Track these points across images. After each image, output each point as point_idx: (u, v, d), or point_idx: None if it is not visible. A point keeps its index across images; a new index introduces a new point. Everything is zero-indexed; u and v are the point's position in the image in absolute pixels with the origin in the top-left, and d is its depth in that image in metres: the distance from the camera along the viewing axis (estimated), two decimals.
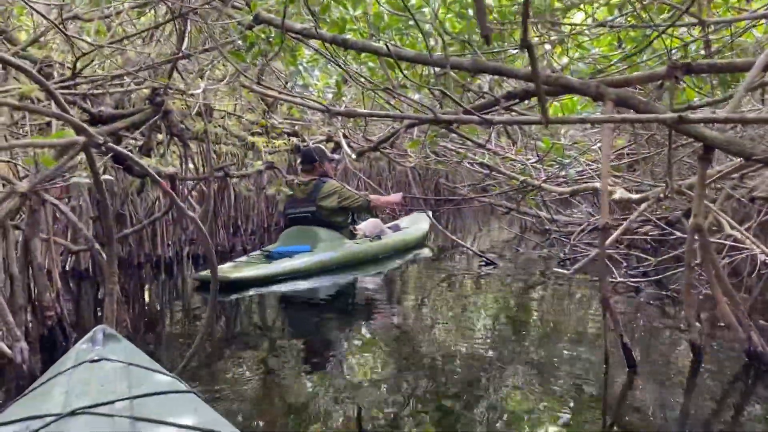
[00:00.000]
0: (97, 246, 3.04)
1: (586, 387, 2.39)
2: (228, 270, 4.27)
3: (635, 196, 3.04)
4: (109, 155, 2.95)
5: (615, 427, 2.12)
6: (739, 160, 2.65)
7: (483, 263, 4.87)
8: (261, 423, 2.13)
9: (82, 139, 1.48)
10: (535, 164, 4.82)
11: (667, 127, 2.40)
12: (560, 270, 3.72)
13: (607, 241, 3.18)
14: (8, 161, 3.07)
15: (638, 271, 4.40)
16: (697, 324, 2.67)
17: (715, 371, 2.53)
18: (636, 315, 3.43)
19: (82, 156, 2.48)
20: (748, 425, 2.10)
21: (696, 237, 2.49)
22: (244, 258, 4.75)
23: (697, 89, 3.36)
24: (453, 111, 3.07)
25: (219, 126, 5.36)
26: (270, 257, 4.61)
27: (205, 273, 4.29)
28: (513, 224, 7.50)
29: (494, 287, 4.28)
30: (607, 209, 2.34)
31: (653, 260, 4.38)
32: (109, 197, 4.55)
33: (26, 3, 2.25)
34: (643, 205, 2.92)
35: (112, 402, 1.32)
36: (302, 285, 4.41)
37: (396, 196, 5.72)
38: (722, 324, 2.71)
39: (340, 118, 5.55)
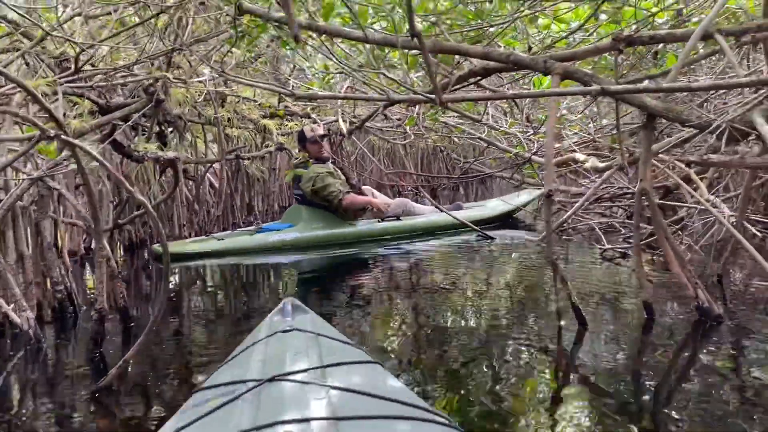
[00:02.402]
0: (104, 226, 3.34)
1: (538, 344, 2.56)
2: (184, 243, 4.89)
3: (601, 165, 3.16)
4: (106, 142, 3.21)
5: (566, 383, 2.26)
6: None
7: (479, 237, 5.02)
8: None
9: (35, 133, 1.73)
10: (530, 137, 4.93)
11: (594, 97, 2.52)
12: (531, 238, 3.86)
13: (571, 212, 3.33)
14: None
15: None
16: (649, 282, 2.80)
17: (666, 327, 2.67)
18: (605, 278, 3.58)
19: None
20: (697, 376, 2.22)
21: (643, 200, 2.62)
22: (230, 232, 5.26)
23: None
24: (428, 90, 3.24)
25: (231, 111, 5.62)
26: (259, 232, 5.03)
27: (158, 247, 4.77)
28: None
29: (480, 259, 4.45)
30: (552, 177, 2.48)
31: (647, 228, 4.47)
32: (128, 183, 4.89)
33: (5, 4, 2.49)
34: (606, 174, 3.04)
35: (306, 370, 1.39)
36: (251, 260, 4.81)
37: (380, 202, 5.34)
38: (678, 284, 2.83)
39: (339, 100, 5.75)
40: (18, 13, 2.95)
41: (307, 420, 1.13)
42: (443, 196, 8.88)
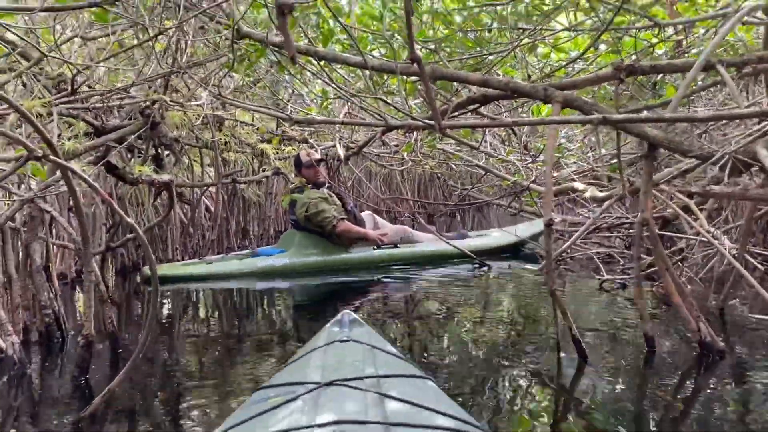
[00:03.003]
0: (95, 249, 3.29)
1: (538, 376, 2.50)
2: (174, 266, 4.88)
3: (601, 195, 3.13)
4: (100, 164, 3.17)
5: (566, 416, 2.21)
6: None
7: (476, 266, 4.96)
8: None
9: (24, 153, 1.69)
10: (528, 165, 4.91)
11: (596, 126, 2.50)
12: (530, 266, 3.80)
13: (570, 241, 3.29)
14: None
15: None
16: (649, 315, 2.75)
17: (668, 361, 2.61)
18: (605, 310, 3.52)
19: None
20: (699, 412, 2.16)
21: (644, 231, 2.58)
22: (222, 256, 5.24)
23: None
24: (427, 116, 3.21)
25: (229, 135, 5.60)
26: (254, 256, 5.00)
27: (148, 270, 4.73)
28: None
29: (477, 288, 4.38)
30: (550, 207, 2.44)
31: (647, 258, 4.43)
32: (121, 207, 4.84)
33: (4, 26, 2.47)
34: (606, 204, 3.01)
35: (362, 378, 1.47)
36: (240, 285, 4.77)
37: (375, 234, 5.17)
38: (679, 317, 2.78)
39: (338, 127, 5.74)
40: (16, 35, 2.93)
41: (362, 422, 1.21)
42: (440, 223, 8.82)
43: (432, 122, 2.36)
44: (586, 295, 3.96)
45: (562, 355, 2.65)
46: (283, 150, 6.26)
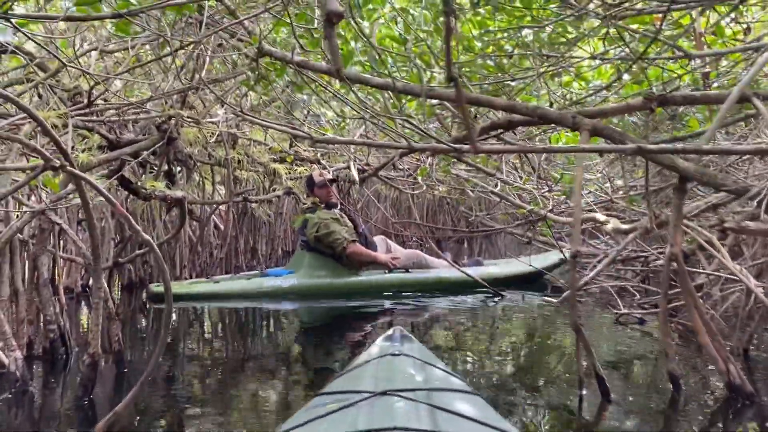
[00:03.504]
0: (105, 264, 3.22)
1: (560, 417, 2.39)
2: (180, 285, 4.77)
3: (624, 227, 3.04)
4: (113, 178, 3.11)
5: None
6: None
7: (489, 295, 4.85)
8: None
9: (39, 163, 1.62)
10: (545, 194, 4.84)
11: (631, 156, 2.43)
12: (549, 299, 3.70)
13: (592, 273, 3.20)
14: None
15: (650, 304, 4.34)
16: (675, 354, 2.65)
17: (694, 403, 2.50)
18: (625, 345, 3.41)
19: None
20: None
21: (672, 267, 2.49)
22: (231, 275, 5.16)
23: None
24: (451, 139, 3.15)
25: (242, 153, 5.56)
26: (263, 276, 4.92)
27: (158, 288, 4.65)
28: (538, 253, 7.45)
29: (491, 318, 4.28)
30: (579, 238, 2.36)
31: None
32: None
33: (26, 34, 2.43)
34: (630, 236, 2.92)
35: (413, 390, 1.53)
36: (247, 305, 4.67)
37: (386, 258, 5.03)
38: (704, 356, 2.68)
39: (351, 146, 5.70)
40: (36, 43, 2.89)
41: (414, 430, 1.27)
42: (448, 249, 8.71)
43: (457, 146, 2.29)
44: (603, 329, 3.85)
45: (584, 392, 2.54)
46: (295, 170, 6.22)
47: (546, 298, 4.25)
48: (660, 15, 3.12)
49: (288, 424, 1.49)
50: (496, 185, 5.19)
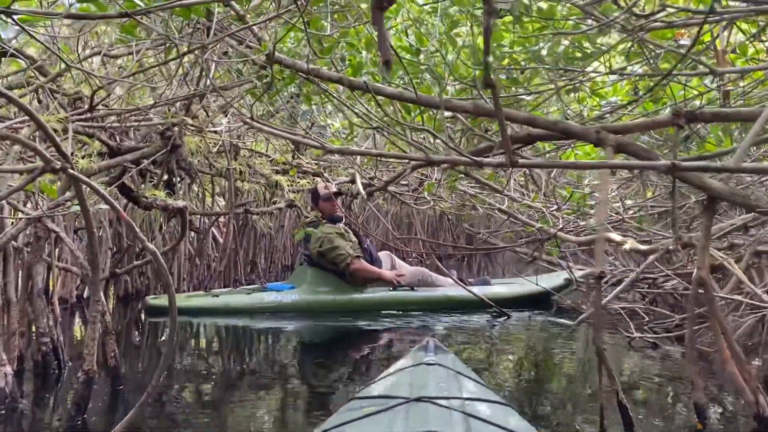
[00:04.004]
0: (102, 275, 3.09)
1: None
2: (179, 298, 4.53)
3: (644, 248, 2.93)
4: (114, 185, 2.99)
5: None
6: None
7: (495, 314, 4.72)
8: None
9: (39, 164, 1.51)
10: (554, 212, 4.73)
11: (664, 174, 2.32)
12: (563, 321, 3.55)
13: (612, 294, 3.08)
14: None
15: (661, 327, 4.22)
16: (701, 383, 2.52)
17: None
18: (643, 371, 3.28)
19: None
20: None
21: (700, 291, 2.37)
22: (230, 289, 5.06)
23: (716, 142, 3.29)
24: (471, 152, 3.04)
25: (244, 164, 5.45)
26: (263, 290, 4.78)
27: (155, 300, 4.46)
28: (539, 273, 7.31)
29: (499, 339, 4.14)
30: (601, 258, 2.24)
31: (676, 317, 4.21)
32: (125, 230, 4.66)
33: (28, 32, 2.31)
34: (651, 258, 2.81)
35: (448, 398, 1.57)
36: (247, 322, 4.49)
37: (391, 275, 4.88)
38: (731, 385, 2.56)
39: (359, 159, 5.59)
40: (39, 41, 2.77)
41: None
42: (449, 267, 8.57)
43: (478, 158, 2.18)
44: (616, 354, 3.72)
45: (605, 421, 2.41)
46: (297, 182, 6.10)
47: (560, 320, 4.11)
48: (682, 31, 3.05)
49: (325, 425, 1.54)
50: (503, 202, 5.07)
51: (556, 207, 4.69)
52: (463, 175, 4.60)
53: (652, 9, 2.35)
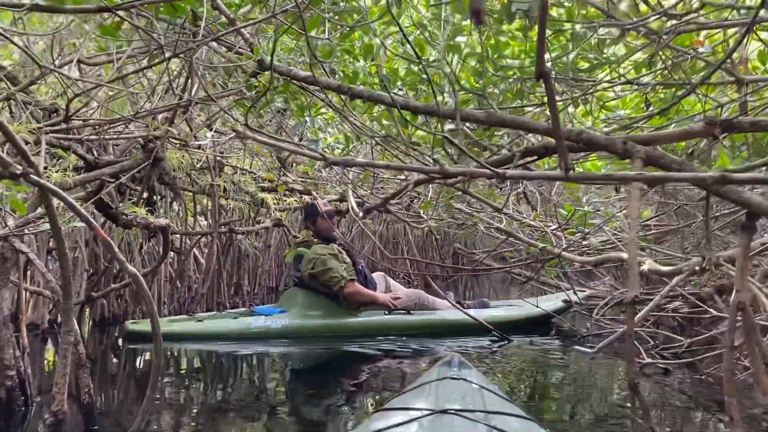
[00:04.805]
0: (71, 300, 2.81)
1: None
2: (160, 323, 4.19)
3: (665, 269, 2.73)
4: (90, 201, 2.73)
5: None
6: None
7: (495, 339, 4.48)
8: None
9: None
10: (555, 231, 4.52)
11: (705, 189, 2.12)
12: (582, 349, 3.31)
13: (636, 318, 2.86)
14: None
15: (669, 352, 4.02)
16: (739, 416, 2.30)
17: None
18: (666, 402, 3.06)
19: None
20: None
21: (739, 316, 2.16)
22: (215, 313, 4.71)
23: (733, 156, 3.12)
24: (492, 162, 2.83)
25: (228, 181, 5.19)
26: (251, 314, 4.50)
27: (135, 326, 4.18)
28: (532, 294, 7.10)
29: (504, 367, 3.90)
30: (637, 281, 2.03)
31: (685, 341, 4.01)
32: (102, 250, 4.36)
33: (13, 42, 2.07)
34: (676, 279, 2.61)
35: (472, 411, 1.59)
36: (232, 348, 4.18)
37: (387, 298, 4.64)
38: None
39: (350, 176, 5.37)
40: (16, 45, 2.51)
41: None
42: (442, 288, 8.32)
43: (499, 170, 1.96)
44: (626, 383, 3.50)
45: None
46: (284, 200, 5.85)
47: (578, 348, 3.87)
48: (701, 39, 2.88)
49: None
50: (499, 220, 4.87)
51: (557, 226, 4.49)
52: (458, 193, 4.40)
53: (686, 9, 2.17)
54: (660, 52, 2.65)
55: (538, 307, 4.89)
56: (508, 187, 4.93)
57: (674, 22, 2.17)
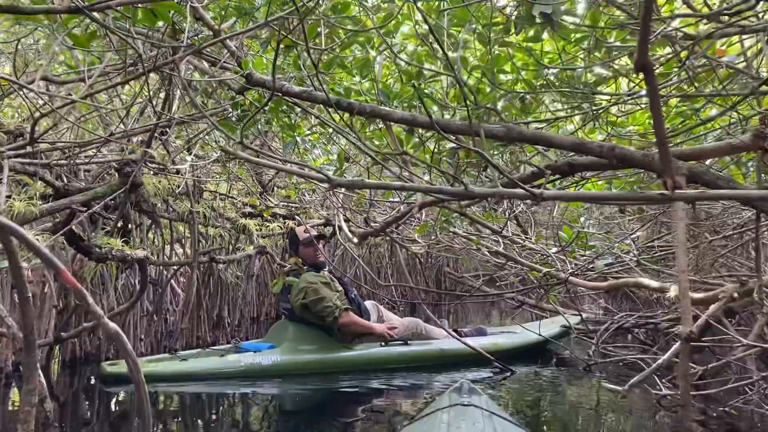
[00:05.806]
0: (21, 334, 2.49)
1: None
2: (144, 362, 3.86)
3: (698, 296, 2.50)
4: (60, 233, 2.42)
5: None
6: None
7: (497, 370, 4.20)
8: None
9: None
10: (558, 255, 4.30)
11: (756, 208, 1.90)
12: (612, 387, 3.05)
13: (668, 354, 2.63)
14: None
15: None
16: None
17: None
18: None
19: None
20: None
21: None
22: (198, 350, 4.36)
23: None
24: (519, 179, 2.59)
25: (208, 207, 4.89)
26: (239, 351, 4.14)
27: (113, 368, 3.82)
28: (523, 319, 6.84)
29: (512, 395, 3.64)
30: (690, 315, 1.79)
31: (698, 368, 3.79)
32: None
33: None
34: (713, 307, 2.38)
35: None
36: (219, 389, 3.85)
37: (383, 328, 4.36)
38: None
39: (339, 198, 5.10)
40: None
41: None
42: (422, 313, 8.04)
43: (534, 190, 1.71)
44: (645, 415, 3.26)
45: None
46: (267, 226, 5.55)
47: (607, 384, 3.60)
48: (723, 48, 2.69)
49: None
50: (500, 244, 4.64)
51: (560, 248, 4.27)
52: (461, 215, 4.17)
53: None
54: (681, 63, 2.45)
55: (540, 335, 4.63)
56: (505, 208, 4.71)
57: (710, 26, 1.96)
